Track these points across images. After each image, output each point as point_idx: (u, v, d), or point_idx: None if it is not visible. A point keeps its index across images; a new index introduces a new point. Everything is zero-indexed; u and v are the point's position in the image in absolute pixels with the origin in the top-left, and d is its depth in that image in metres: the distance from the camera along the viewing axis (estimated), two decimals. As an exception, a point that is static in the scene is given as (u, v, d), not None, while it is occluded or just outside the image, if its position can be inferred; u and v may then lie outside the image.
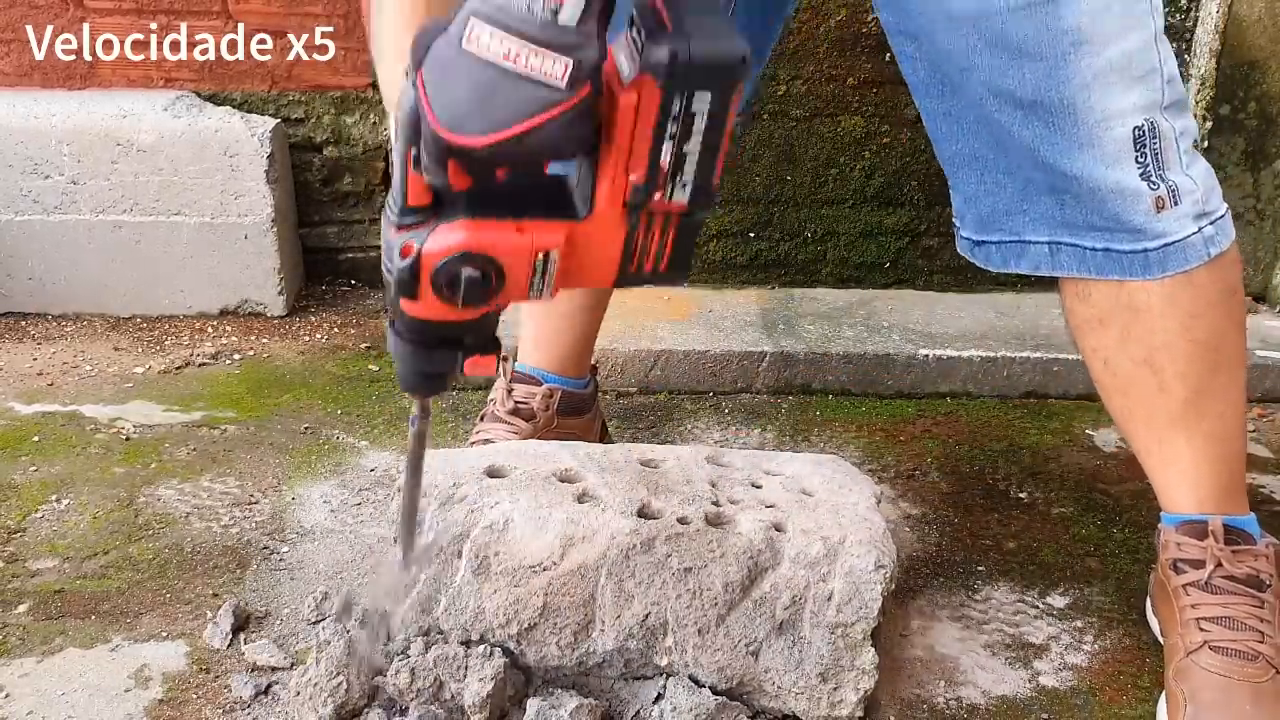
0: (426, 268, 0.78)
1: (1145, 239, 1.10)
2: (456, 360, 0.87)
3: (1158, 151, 1.08)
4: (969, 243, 1.23)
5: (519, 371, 1.46)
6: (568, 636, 1.07)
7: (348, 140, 2.18)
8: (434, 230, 0.78)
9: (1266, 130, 2.03)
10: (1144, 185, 1.09)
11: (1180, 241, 1.11)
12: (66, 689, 1.10)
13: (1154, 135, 1.08)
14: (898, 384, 1.86)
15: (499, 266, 0.79)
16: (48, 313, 2.06)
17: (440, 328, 0.83)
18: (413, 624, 1.10)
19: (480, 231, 0.78)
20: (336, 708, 1.02)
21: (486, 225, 0.79)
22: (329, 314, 2.14)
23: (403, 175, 0.78)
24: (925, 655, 1.21)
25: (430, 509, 1.09)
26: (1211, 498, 1.18)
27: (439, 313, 0.82)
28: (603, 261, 0.82)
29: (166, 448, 1.59)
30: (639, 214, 0.80)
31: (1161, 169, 1.09)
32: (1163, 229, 1.10)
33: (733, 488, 1.13)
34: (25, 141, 1.97)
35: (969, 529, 1.46)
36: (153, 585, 1.27)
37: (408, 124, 0.75)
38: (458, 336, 0.85)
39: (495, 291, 0.80)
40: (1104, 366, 1.19)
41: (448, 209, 0.79)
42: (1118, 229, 1.11)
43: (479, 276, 0.78)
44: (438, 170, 0.76)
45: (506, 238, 0.79)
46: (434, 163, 0.75)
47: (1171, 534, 1.19)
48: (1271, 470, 1.65)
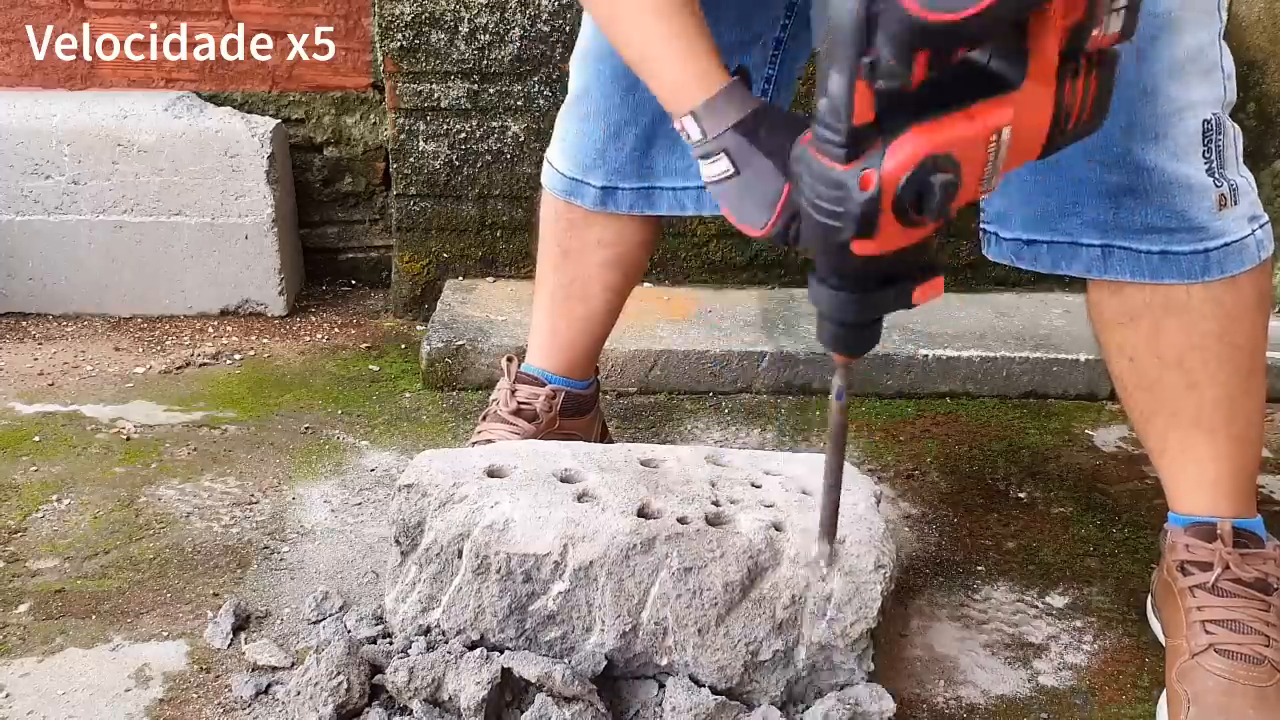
0: (889, 191, 0.72)
1: (1206, 238, 1.09)
2: (909, 293, 0.80)
3: (1221, 148, 1.08)
4: (1016, 243, 1.17)
5: (524, 372, 1.46)
6: (568, 636, 1.07)
7: (348, 140, 2.19)
8: (885, 149, 0.72)
9: (1266, 130, 2.03)
10: (1210, 181, 1.07)
11: (1238, 243, 1.10)
12: (67, 689, 1.10)
13: (1220, 131, 1.07)
14: (898, 384, 1.86)
15: (958, 165, 0.73)
16: (48, 313, 2.06)
17: (894, 259, 0.77)
18: (412, 623, 1.10)
19: (936, 131, 0.72)
20: (337, 707, 1.02)
21: (939, 124, 0.73)
22: (329, 314, 2.14)
23: (849, 92, 0.70)
24: (925, 655, 1.21)
25: (430, 509, 1.09)
26: (1226, 501, 1.16)
27: (896, 241, 0.75)
28: (1036, 128, 0.77)
29: (167, 447, 1.59)
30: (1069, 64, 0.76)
31: (1223, 166, 1.08)
32: (1223, 228, 1.09)
33: (733, 488, 1.13)
34: (26, 142, 1.97)
35: (969, 529, 1.46)
36: (153, 585, 1.28)
37: (859, 26, 0.68)
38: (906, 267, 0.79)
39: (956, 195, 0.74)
40: (1130, 363, 1.17)
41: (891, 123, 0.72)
42: (1180, 228, 1.09)
43: (951, 180, 0.73)
44: (902, 67, 0.70)
45: (962, 129, 0.73)
46: (901, 57, 0.69)
47: (1180, 535, 1.17)
48: (1271, 470, 1.65)
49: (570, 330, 1.45)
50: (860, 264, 0.77)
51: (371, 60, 2.09)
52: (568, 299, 1.43)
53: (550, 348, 1.46)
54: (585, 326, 1.45)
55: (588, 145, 1.34)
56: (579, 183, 1.36)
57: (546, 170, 1.41)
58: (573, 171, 1.36)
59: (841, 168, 0.73)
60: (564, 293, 1.43)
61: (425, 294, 2.10)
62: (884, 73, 0.70)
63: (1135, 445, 1.72)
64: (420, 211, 2.06)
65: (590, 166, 1.35)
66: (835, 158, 0.73)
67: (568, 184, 1.37)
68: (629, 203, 1.36)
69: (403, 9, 1.93)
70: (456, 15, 1.94)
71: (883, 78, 0.70)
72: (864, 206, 0.72)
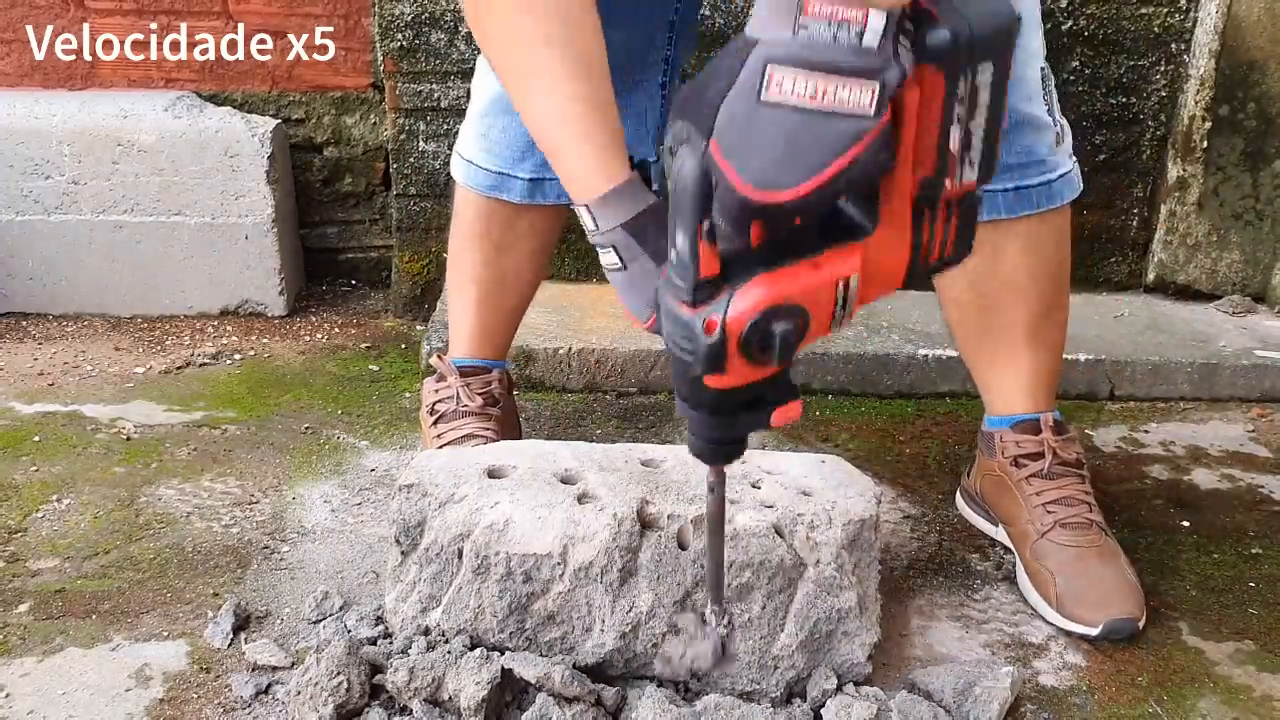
0: (734, 336, 0.75)
1: (1047, 170, 1.27)
2: (765, 419, 0.83)
3: (1051, 92, 1.25)
4: None
5: (467, 365, 1.49)
6: (568, 636, 1.07)
7: (348, 140, 2.19)
8: (731, 296, 0.74)
9: (1266, 130, 2.03)
10: (1050, 120, 1.25)
11: (1068, 174, 1.29)
12: (67, 689, 1.10)
13: (1048, 78, 1.25)
14: (897, 384, 1.86)
15: (804, 311, 0.76)
16: (48, 313, 2.06)
17: (745, 391, 0.80)
18: (412, 623, 1.10)
19: (780, 282, 0.75)
20: (337, 707, 1.02)
21: (783, 273, 0.75)
22: (329, 314, 2.14)
23: (693, 250, 0.73)
24: (925, 655, 1.21)
25: (430, 509, 1.10)
26: (1043, 398, 1.36)
27: (747, 377, 0.78)
28: (892, 268, 0.79)
29: (167, 447, 1.59)
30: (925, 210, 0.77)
31: (1053, 108, 1.26)
32: (1058, 162, 1.28)
33: (733, 488, 1.13)
34: (26, 142, 1.97)
35: (968, 529, 1.46)
36: (153, 585, 1.28)
37: (696, 196, 0.71)
38: (762, 395, 0.81)
39: (803, 337, 0.77)
40: (969, 285, 1.33)
41: (738, 271, 0.75)
42: (1029, 163, 1.25)
43: (791, 328, 0.75)
44: (739, 235, 0.73)
45: (806, 279, 0.75)
46: (736, 228, 0.72)
47: (1009, 434, 1.36)
48: (1271, 470, 1.65)
49: (500, 320, 1.51)
50: (717, 396, 0.80)
51: (371, 60, 2.10)
52: (500, 293, 1.48)
53: (482, 338, 1.51)
54: (515, 315, 1.53)
55: (513, 140, 1.38)
56: (506, 176, 1.40)
57: (466, 168, 1.44)
58: (499, 166, 1.40)
59: (689, 312, 0.75)
60: (496, 288, 1.48)
61: (425, 294, 2.10)
62: (720, 236, 0.73)
63: (1135, 445, 1.72)
64: (420, 211, 2.06)
65: (517, 160, 1.39)
66: (684, 302, 0.76)
67: (493, 179, 1.41)
68: (557, 193, 1.39)
69: (403, 9, 1.93)
70: (456, 15, 1.93)
71: (721, 240, 0.73)
72: (708, 350, 0.75)
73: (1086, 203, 2.11)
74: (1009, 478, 1.35)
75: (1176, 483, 1.61)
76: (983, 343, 1.37)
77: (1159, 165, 2.10)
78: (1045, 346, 1.35)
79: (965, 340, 1.39)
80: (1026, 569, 1.31)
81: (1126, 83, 2.05)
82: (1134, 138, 2.08)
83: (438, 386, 1.50)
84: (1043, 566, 1.28)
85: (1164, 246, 2.12)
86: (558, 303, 1.96)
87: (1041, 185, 1.27)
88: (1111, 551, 1.29)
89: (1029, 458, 1.34)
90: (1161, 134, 2.08)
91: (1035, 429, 1.35)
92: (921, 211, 0.77)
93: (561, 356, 1.83)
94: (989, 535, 1.43)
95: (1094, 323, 2.00)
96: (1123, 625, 1.22)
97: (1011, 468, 1.35)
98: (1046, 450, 1.34)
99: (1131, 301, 2.13)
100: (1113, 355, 1.88)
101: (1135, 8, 2.01)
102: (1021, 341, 1.34)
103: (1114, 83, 2.04)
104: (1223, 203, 2.09)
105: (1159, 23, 2.01)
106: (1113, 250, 2.16)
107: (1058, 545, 1.28)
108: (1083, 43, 2.01)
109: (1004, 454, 1.36)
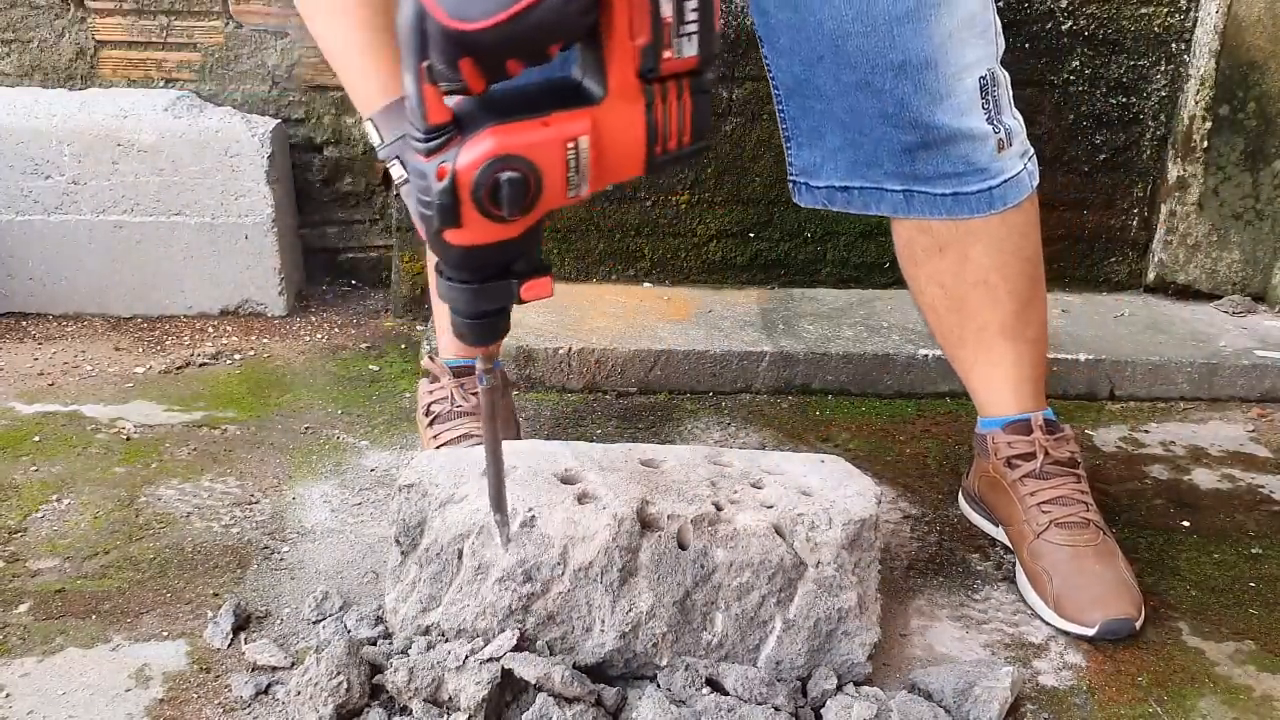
0: (464, 184, 0.79)
1: (989, 177, 1.26)
2: (513, 290, 0.86)
3: (997, 98, 1.24)
4: (829, 190, 1.33)
5: (458, 366, 1.49)
6: (568, 636, 1.07)
7: (348, 140, 2.19)
8: (463, 145, 0.79)
9: (1266, 130, 2.03)
10: (990, 129, 1.24)
11: (1015, 178, 1.28)
12: (67, 689, 1.10)
13: (994, 84, 1.23)
14: (897, 384, 1.86)
15: (534, 166, 0.80)
16: (48, 313, 2.06)
17: (489, 253, 0.84)
18: (412, 623, 1.10)
19: (508, 134, 0.79)
20: (336, 707, 1.02)
21: (512, 127, 0.80)
22: (329, 314, 2.14)
23: (419, 93, 0.78)
24: (925, 655, 1.21)
25: (430, 509, 1.09)
26: (1031, 397, 1.37)
27: (486, 233, 0.82)
28: (630, 145, 0.83)
29: (167, 447, 1.59)
30: (653, 85, 0.81)
31: (999, 114, 1.24)
32: (1002, 167, 1.26)
33: (733, 488, 1.13)
34: (26, 141, 1.97)
35: (968, 529, 1.46)
36: (153, 585, 1.28)
37: (413, 34, 0.76)
38: (508, 262, 0.85)
39: (537, 195, 0.81)
40: (940, 290, 1.35)
41: (469, 123, 0.80)
42: (967, 171, 1.25)
43: (519, 178, 0.79)
44: (452, 74, 0.76)
45: (534, 134, 0.80)
46: (447, 64, 0.76)
47: (1001, 435, 1.37)
48: (1271, 470, 1.65)
49: None
50: (460, 255, 0.84)
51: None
52: None
53: None
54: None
55: None
56: None
57: None
58: None
59: (424, 160, 0.80)
60: None
61: (425, 294, 2.10)
62: (440, 76, 0.77)
63: (1135, 445, 1.72)
64: (420, 211, 2.06)
65: None
66: (419, 151, 0.81)
67: None
68: None
69: (402, 9, 1.93)
70: (456, 15, 1.93)
71: (441, 81, 0.77)
72: (440, 197, 0.80)
73: (1086, 203, 2.12)
74: (1003, 479, 1.36)
75: (1176, 483, 1.61)
76: (963, 345, 1.38)
77: (1159, 165, 2.10)
78: (1026, 342, 1.35)
79: (946, 344, 1.40)
80: (1024, 569, 1.32)
81: (1126, 83, 2.05)
82: (1134, 137, 2.08)
83: (431, 388, 1.50)
84: (1039, 566, 1.28)
85: (1164, 246, 2.13)
86: (558, 303, 1.96)
87: (981, 192, 1.26)
88: (1109, 550, 1.29)
89: (1021, 458, 1.35)
90: (1162, 134, 2.08)
91: (1026, 429, 1.35)
92: (650, 87, 0.81)
93: (561, 356, 1.83)
94: (989, 535, 1.43)
95: (1094, 323, 2.00)
96: (1119, 625, 1.22)
97: (1005, 469, 1.36)
98: (1038, 450, 1.34)
99: (1131, 301, 2.13)
100: (1113, 355, 1.88)
101: (1135, 8, 2.01)
102: (1001, 341, 1.34)
103: (1114, 83, 2.05)
104: (1223, 203, 2.09)
105: (1159, 22, 2.02)
106: (1113, 250, 2.16)
107: (1054, 545, 1.29)
108: (1083, 43, 2.01)
109: (997, 455, 1.37)
